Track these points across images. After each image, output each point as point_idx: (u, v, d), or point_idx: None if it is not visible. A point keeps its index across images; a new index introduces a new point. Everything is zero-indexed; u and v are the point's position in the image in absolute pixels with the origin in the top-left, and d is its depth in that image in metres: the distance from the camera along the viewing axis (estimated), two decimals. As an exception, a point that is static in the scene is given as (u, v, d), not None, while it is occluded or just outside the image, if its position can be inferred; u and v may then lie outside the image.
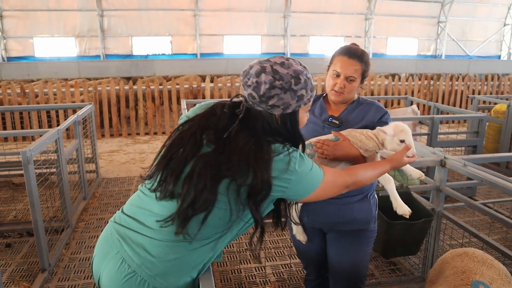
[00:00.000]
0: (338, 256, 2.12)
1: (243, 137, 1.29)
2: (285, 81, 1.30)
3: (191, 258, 1.34)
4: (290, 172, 1.29)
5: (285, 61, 1.34)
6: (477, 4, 21.04)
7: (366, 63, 1.96)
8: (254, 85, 1.30)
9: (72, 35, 17.28)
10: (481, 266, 1.78)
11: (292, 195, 1.36)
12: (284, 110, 1.33)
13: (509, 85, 11.01)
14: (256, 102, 1.32)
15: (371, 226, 2.09)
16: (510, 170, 5.67)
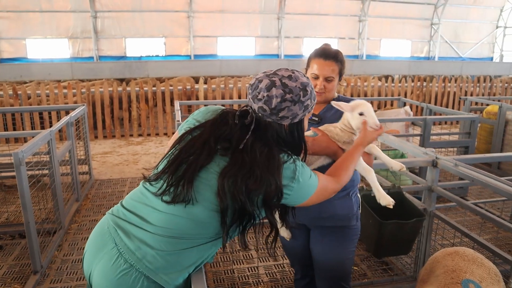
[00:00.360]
0: (322, 253, 2.15)
1: (259, 148, 1.36)
2: (294, 94, 1.38)
3: (191, 255, 1.36)
4: (295, 180, 1.38)
5: (292, 74, 1.42)
6: (470, 7, 21.22)
7: (341, 62, 2.05)
8: (266, 98, 1.37)
9: (65, 36, 17.20)
10: (471, 265, 1.80)
11: (291, 201, 1.43)
12: (292, 120, 1.42)
13: (501, 87, 11.11)
14: (266, 114, 1.39)
15: (353, 224, 2.12)
16: (501, 170, 5.72)
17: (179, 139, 1.42)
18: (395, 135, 5.21)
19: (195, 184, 1.32)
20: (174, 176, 1.34)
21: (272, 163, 1.34)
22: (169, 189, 1.33)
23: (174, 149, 1.40)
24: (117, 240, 1.35)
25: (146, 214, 1.37)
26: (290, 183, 1.37)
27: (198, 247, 1.36)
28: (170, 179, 1.34)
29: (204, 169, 1.34)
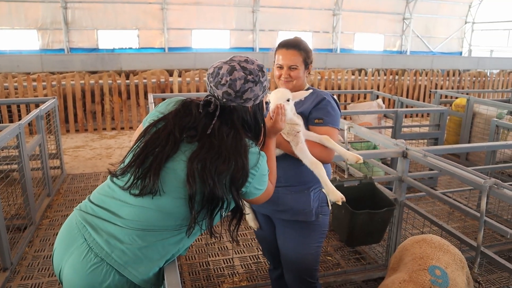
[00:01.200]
0: (285, 246, 2.17)
1: (225, 131, 1.40)
2: (255, 74, 1.45)
3: (160, 248, 1.36)
4: (257, 168, 1.42)
5: (247, 58, 1.49)
6: (440, 2, 21.72)
7: (305, 50, 2.07)
8: (230, 82, 1.42)
9: (34, 27, 16.67)
10: (437, 251, 1.86)
11: (248, 192, 1.45)
12: (254, 101, 1.48)
13: (469, 81, 11.44)
14: (231, 98, 1.44)
15: (314, 220, 2.08)
16: (469, 161, 5.91)
17: (144, 132, 1.43)
18: (368, 127, 5.31)
19: (161, 175, 1.33)
20: (140, 169, 1.34)
21: (239, 144, 1.38)
22: (136, 182, 1.34)
23: (140, 142, 1.40)
24: (86, 235, 1.34)
25: (116, 208, 1.36)
26: (253, 170, 1.41)
27: (167, 239, 1.36)
28: (137, 172, 1.34)
29: (171, 159, 1.35)
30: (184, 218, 1.36)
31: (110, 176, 1.45)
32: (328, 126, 2.00)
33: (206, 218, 1.37)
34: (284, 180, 2.02)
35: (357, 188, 2.88)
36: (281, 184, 2.01)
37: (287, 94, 1.86)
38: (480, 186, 2.33)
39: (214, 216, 1.38)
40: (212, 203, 1.34)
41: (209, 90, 1.50)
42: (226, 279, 3.20)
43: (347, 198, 2.63)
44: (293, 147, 1.88)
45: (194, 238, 1.48)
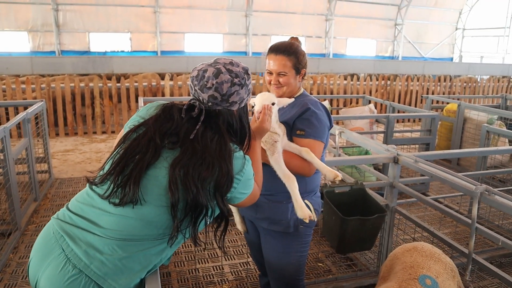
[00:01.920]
0: (267, 254, 2.13)
1: (209, 136, 1.36)
2: (241, 77, 1.43)
3: (141, 259, 1.30)
4: (242, 173, 1.39)
5: (232, 61, 1.47)
6: (431, 8, 21.94)
7: (295, 55, 1.99)
8: (216, 85, 1.39)
9: (24, 29, 16.54)
10: (428, 260, 1.83)
11: (233, 197, 1.42)
12: (240, 104, 1.46)
13: (460, 86, 11.51)
14: (217, 102, 1.41)
15: (293, 231, 2.01)
16: (460, 166, 5.92)
17: (124, 138, 1.37)
18: (360, 132, 5.29)
19: (142, 183, 1.28)
20: (120, 177, 1.29)
21: (223, 149, 1.34)
22: (116, 190, 1.28)
23: (119, 148, 1.35)
24: (64, 245, 1.28)
25: (95, 216, 1.31)
26: (238, 175, 1.37)
27: (149, 249, 1.31)
28: (117, 180, 1.29)
29: (152, 166, 1.30)
30: (167, 227, 1.31)
31: (89, 184, 1.39)
32: (309, 138, 1.90)
33: (190, 226, 1.32)
34: (264, 188, 1.92)
35: (348, 194, 2.84)
36: (261, 192, 1.95)
37: (272, 98, 1.83)
38: (471, 193, 2.31)
39: (198, 224, 1.33)
40: (196, 211, 1.29)
41: (193, 94, 1.45)
42: (216, 286, 3.14)
43: (338, 204, 2.61)
44: (269, 156, 1.83)
45: (177, 247, 1.43)
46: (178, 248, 3.65)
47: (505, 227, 4.09)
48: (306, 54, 2.07)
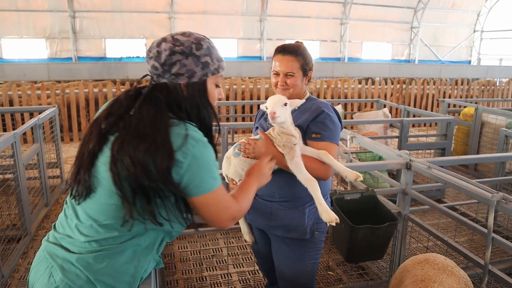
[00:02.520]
0: (280, 263, 2.07)
1: (145, 110, 1.24)
2: (185, 46, 1.28)
3: (110, 269, 1.24)
4: (184, 153, 1.20)
5: (186, 32, 1.33)
6: (448, 11, 21.60)
7: (303, 56, 1.95)
8: (156, 54, 1.27)
9: (42, 36, 16.86)
10: (441, 273, 1.74)
11: (187, 188, 1.23)
12: (189, 78, 1.29)
13: (478, 89, 11.26)
14: (159, 73, 1.28)
15: (307, 237, 1.97)
16: (478, 172, 5.75)
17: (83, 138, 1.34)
18: (374, 137, 5.18)
19: (94, 172, 1.23)
20: (79, 172, 1.26)
21: (159, 120, 1.22)
22: (77, 186, 1.26)
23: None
24: (48, 262, 1.29)
25: (69, 230, 1.29)
26: (180, 155, 1.19)
27: (115, 258, 1.25)
28: (76, 175, 1.26)
29: (100, 154, 1.24)
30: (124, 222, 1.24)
31: (66, 198, 1.38)
32: (326, 141, 1.86)
33: (147, 212, 1.21)
34: (278, 195, 1.92)
35: (359, 201, 2.76)
36: (274, 199, 1.93)
37: (284, 99, 1.78)
38: (487, 201, 2.20)
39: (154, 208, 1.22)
40: (143, 191, 1.19)
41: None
42: (223, 294, 3.08)
43: (347, 212, 2.53)
44: (288, 161, 1.76)
45: (150, 256, 1.33)
46: (186, 255, 3.60)
47: (524, 235, 3.93)
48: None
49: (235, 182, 1.90)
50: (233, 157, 1.88)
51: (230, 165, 1.90)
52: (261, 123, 2.06)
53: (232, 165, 1.89)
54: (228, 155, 1.92)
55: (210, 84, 1.35)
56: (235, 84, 9.09)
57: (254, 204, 1.95)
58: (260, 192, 1.94)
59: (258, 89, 9.24)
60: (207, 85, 1.34)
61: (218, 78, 1.38)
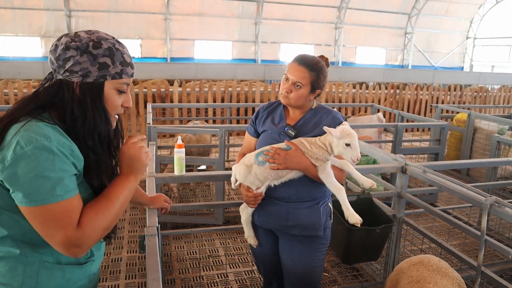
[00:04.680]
0: (291, 261, 2.11)
1: (18, 106, 1.18)
2: (82, 42, 1.18)
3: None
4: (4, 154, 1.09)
5: (92, 30, 1.25)
6: (442, 17, 21.84)
7: (317, 72, 1.96)
8: (53, 48, 1.20)
9: (37, 35, 16.78)
10: (435, 275, 1.79)
11: (13, 191, 1.10)
12: (83, 77, 1.19)
13: (471, 95, 11.41)
14: (55, 67, 1.20)
15: (321, 234, 2.07)
16: (470, 177, 5.84)
17: None
18: (368, 141, 5.25)
19: None
20: None
21: (16, 113, 1.16)
22: None
23: None
24: None
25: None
26: (8, 150, 1.08)
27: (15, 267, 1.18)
28: None
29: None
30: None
31: None
32: None
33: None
34: (296, 197, 1.99)
35: (355, 204, 2.81)
36: (292, 200, 2.00)
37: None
38: (481, 204, 2.27)
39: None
40: None
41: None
42: (220, 294, 3.12)
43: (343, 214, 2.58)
44: (320, 171, 1.88)
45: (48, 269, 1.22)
46: (183, 255, 3.63)
47: (515, 239, 4.02)
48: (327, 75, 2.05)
49: (251, 190, 1.95)
50: (256, 166, 1.91)
51: (250, 173, 1.93)
52: (271, 128, 2.07)
53: (252, 174, 1.93)
54: (249, 163, 1.94)
55: (109, 89, 1.24)
56: (230, 87, 9.13)
57: (267, 206, 2.02)
58: (276, 194, 1.99)
59: (253, 91, 9.29)
60: (105, 89, 1.23)
61: (122, 84, 1.26)
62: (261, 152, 1.92)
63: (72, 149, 1.16)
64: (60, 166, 1.10)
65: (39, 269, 1.20)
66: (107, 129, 1.26)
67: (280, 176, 1.91)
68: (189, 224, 4.17)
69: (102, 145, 1.26)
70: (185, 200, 4.93)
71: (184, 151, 2.52)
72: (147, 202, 1.82)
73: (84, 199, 1.20)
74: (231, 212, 4.40)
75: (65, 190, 1.11)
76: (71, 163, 1.14)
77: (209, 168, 5.30)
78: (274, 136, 2.03)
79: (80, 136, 1.20)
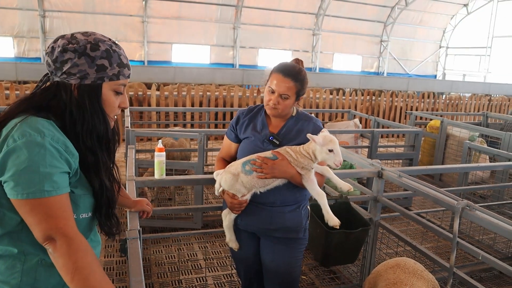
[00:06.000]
0: (272, 262, 2.16)
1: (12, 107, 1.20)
2: (79, 44, 1.20)
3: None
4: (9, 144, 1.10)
5: (88, 32, 1.25)
6: (416, 26, 22.44)
7: (301, 82, 2.02)
8: (49, 50, 1.22)
9: (9, 34, 16.35)
10: (411, 277, 1.86)
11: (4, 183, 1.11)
12: (81, 79, 1.20)
13: (444, 103, 11.75)
14: (52, 70, 1.22)
15: (301, 235, 2.15)
16: (442, 182, 6.01)
17: None
18: (344, 146, 5.35)
19: None
20: None
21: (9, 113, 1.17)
22: None
23: None
24: None
25: None
26: (3, 143, 1.10)
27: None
28: None
29: None
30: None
31: None
32: None
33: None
34: (280, 201, 2.05)
35: (333, 207, 2.84)
36: (276, 205, 2.05)
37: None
38: (453, 208, 2.35)
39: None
40: None
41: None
42: (198, 298, 3.11)
43: (322, 217, 2.63)
44: (304, 179, 1.95)
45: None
46: (161, 259, 3.61)
47: (485, 242, 4.16)
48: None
49: (237, 197, 1.98)
50: (243, 175, 1.95)
51: (236, 182, 1.97)
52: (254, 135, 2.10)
53: (239, 182, 1.96)
54: (235, 172, 1.97)
55: (107, 90, 1.26)
56: (209, 91, 9.13)
57: (251, 210, 2.05)
58: (261, 200, 2.02)
59: (231, 96, 9.31)
60: (103, 91, 1.25)
61: (119, 85, 1.28)
62: (248, 161, 1.96)
63: (66, 145, 1.17)
64: (50, 162, 1.11)
65: (37, 267, 1.20)
66: (105, 130, 1.27)
67: (266, 184, 1.96)
68: (167, 228, 4.15)
69: (100, 146, 1.27)
70: (162, 204, 4.90)
71: (164, 155, 2.53)
72: (130, 205, 1.81)
73: (85, 198, 1.25)
74: (210, 216, 4.40)
75: (53, 187, 1.11)
76: (63, 160, 1.15)
77: (189, 172, 5.28)
78: (258, 144, 2.07)
79: (79, 137, 1.22)
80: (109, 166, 1.35)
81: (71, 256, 1.10)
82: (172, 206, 4.61)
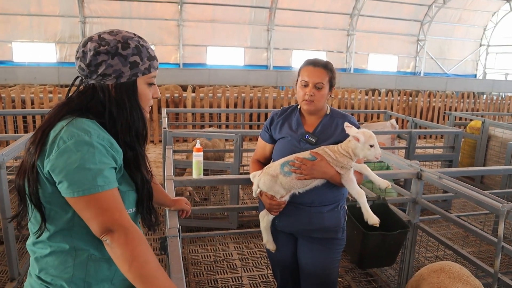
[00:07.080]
0: (310, 263, 2.14)
1: (54, 110, 1.24)
2: (110, 45, 1.22)
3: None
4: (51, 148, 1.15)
5: (114, 30, 1.27)
6: (455, 25, 21.72)
7: (331, 71, 2.06)
8: (81, 55, 1.23)
9: (52, 41, 17.07)
10: (456, 282, 1.80)
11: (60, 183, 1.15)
12: (117, 79, 1.24)
13: (484, 103, 11.32)
14: (86, 74, 1.24)
15: (340, 235, 2.14)
16: (484, 184, 5.79)
17: None
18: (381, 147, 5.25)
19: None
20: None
21: (52, 118, 1.21)
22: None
23: None
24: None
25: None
26: (53, 145, 1.15)
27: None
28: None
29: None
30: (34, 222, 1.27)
31: None
32: None
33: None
34: (319, 201, 2.05)
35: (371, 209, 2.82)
36: (314, 205, 2.05)
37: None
38: (498, 211, 2.26)
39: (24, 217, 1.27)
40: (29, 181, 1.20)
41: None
42: (234, 297, 3.14)
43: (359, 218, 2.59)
44: (344, 178, 1.96)
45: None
46: (197, 258, 3.67)
47: (531, 248, 3.97)
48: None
49: (275, 198, 2.00)
50: (282, 176, 1.96)
51: (275, 183, 1.98)
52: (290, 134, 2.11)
53: (277, 184, 1.98)
54: (274, 173, 1.99)
55: (141, 84, 1.30)
56: (243, 92, 9.19)
57: (289, 211, 2.06)
58: (299, 200, 2.03)
59: (265, 97, 9.34)
60: (138, 86, 1.29)
61: (151, 77, 1.32)
62: (286, 162, 1.97)
63: (111, 142, 1.22)
64: (99, 159, 1.16)
65: (87, 262, 1.25)
66: (143, 125, 1.33)
67: (305, 185, 1.96)
68: (203, 228, 4.20)
69: (138, 140, 1.32)
70: (198, 204, 4.97)
71: (202, 155, 2.56)
72: (169, 204, 1.85)
73: (129, 194, 1.30)
74: (245, 216, 4.43)
75: (105, 182, 1.16)
76: (110, 156, 1.20)
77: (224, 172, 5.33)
78: (294, 143, 2.07)
79: (119, 134, 1.26)
80: (146, 159, 1.39)
81: (128, 245, 1.13)
82: (208, 206, 4.68)
